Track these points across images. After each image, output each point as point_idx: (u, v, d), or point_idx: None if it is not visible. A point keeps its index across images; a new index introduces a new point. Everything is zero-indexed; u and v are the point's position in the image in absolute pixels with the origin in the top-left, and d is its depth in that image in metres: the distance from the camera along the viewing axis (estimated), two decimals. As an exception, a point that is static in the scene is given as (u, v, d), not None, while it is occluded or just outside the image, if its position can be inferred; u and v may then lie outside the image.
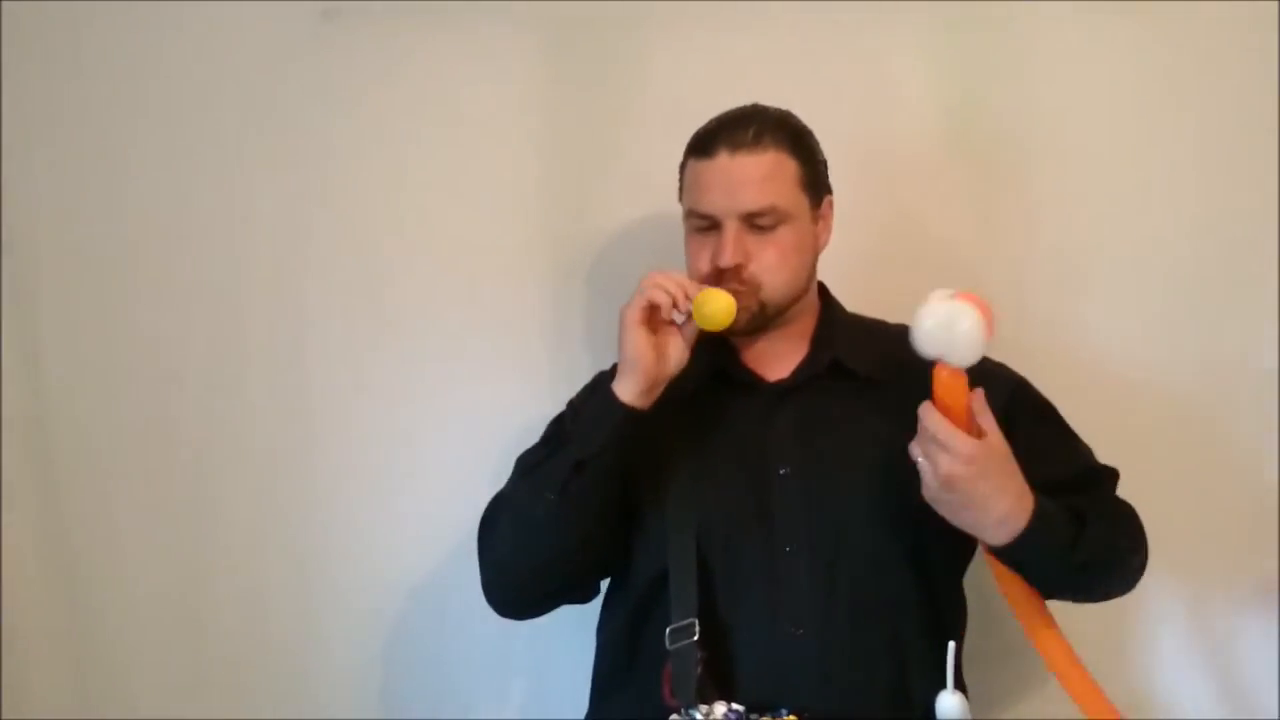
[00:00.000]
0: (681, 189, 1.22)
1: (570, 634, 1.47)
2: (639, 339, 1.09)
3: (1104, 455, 1.25)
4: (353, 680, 1.52)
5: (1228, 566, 1.48)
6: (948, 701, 1.09)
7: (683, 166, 1.21)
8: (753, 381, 1.20)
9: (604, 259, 1.50)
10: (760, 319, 1.16)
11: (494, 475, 1.22)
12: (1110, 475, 1.21)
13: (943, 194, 1.48)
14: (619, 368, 1.12)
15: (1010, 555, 1.05)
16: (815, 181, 1.19)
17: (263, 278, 1.50)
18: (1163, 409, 1.47)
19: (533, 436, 1.27)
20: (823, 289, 1.26)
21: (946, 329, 1.00)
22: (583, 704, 1.26)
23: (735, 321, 1.12)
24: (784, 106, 1.21)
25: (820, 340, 1.21)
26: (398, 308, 1.50)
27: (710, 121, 1.18)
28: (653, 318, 1.11)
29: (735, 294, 1.12)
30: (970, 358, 1.01)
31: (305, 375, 1.50)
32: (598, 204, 1.49)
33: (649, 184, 1.48)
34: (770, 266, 1.15)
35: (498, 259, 1.49)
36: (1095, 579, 1.13)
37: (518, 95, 1.49)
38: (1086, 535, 1.07)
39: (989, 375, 1.22)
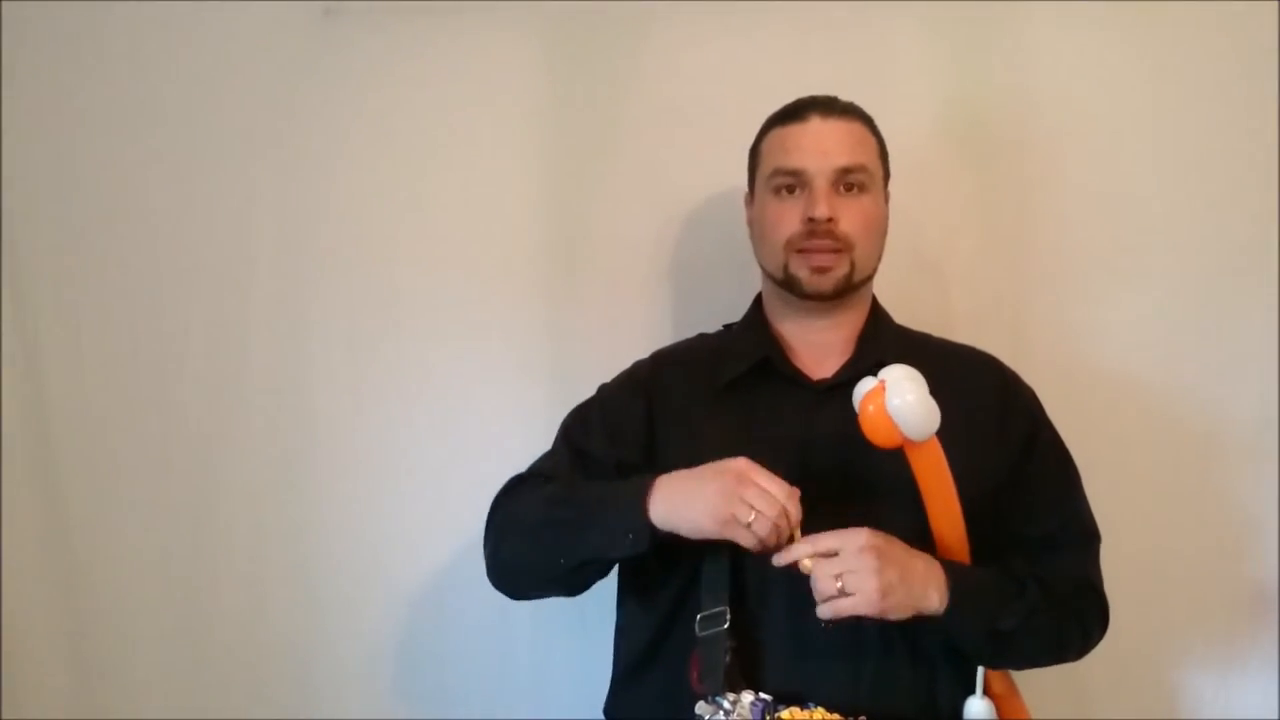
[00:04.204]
0: (757, 163, 1.22)
1: (571, 633, 1.48)
2: (708, 533, 1.04)
3: (1102, 456, 1.25)
4: (353, 680, 1.52)
5: (1227, 566, 1.48)
6: (977, 706, 1.10)
7: (760, 139, 1.23)
8: (796, 377, 1.19)
9: (605, 259, 1.49)
10: (846, 285, 1.17)
11: (494, 477, 1.22)
12: (1090, 539, 1.20)
13: (942, 194, 1.48)
14: (676, 511, 1.05)
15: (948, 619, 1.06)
16: (885, 166, 1.22)
17: (264, 276, 1.50)
18: (1163, 409, 1.47)
19: (533, 438, 1.26)
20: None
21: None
22: (583, 703, 1.25)
23: (823, 286, 1.15)
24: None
25: (866, 340, 1.21)
26: (398, 307, 1.50)
27: (788, 103, 1.20)
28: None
29: (831, 253, 1.14)
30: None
31: (306, 375, 1.50)
32: (598, 203, 1.49)
33: (650, 183, 1.48)
34: (860, 227, 1.16)
35: (498, 258, 1.49)
36: (1017, 650, 1.13)
37: (519, 94, 1.48)
38: (1018, 606, 1.09)
39: (1013, 393, 1.22)
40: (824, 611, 1.02)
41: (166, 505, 1.50)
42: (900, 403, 1.02)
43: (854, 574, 1.01)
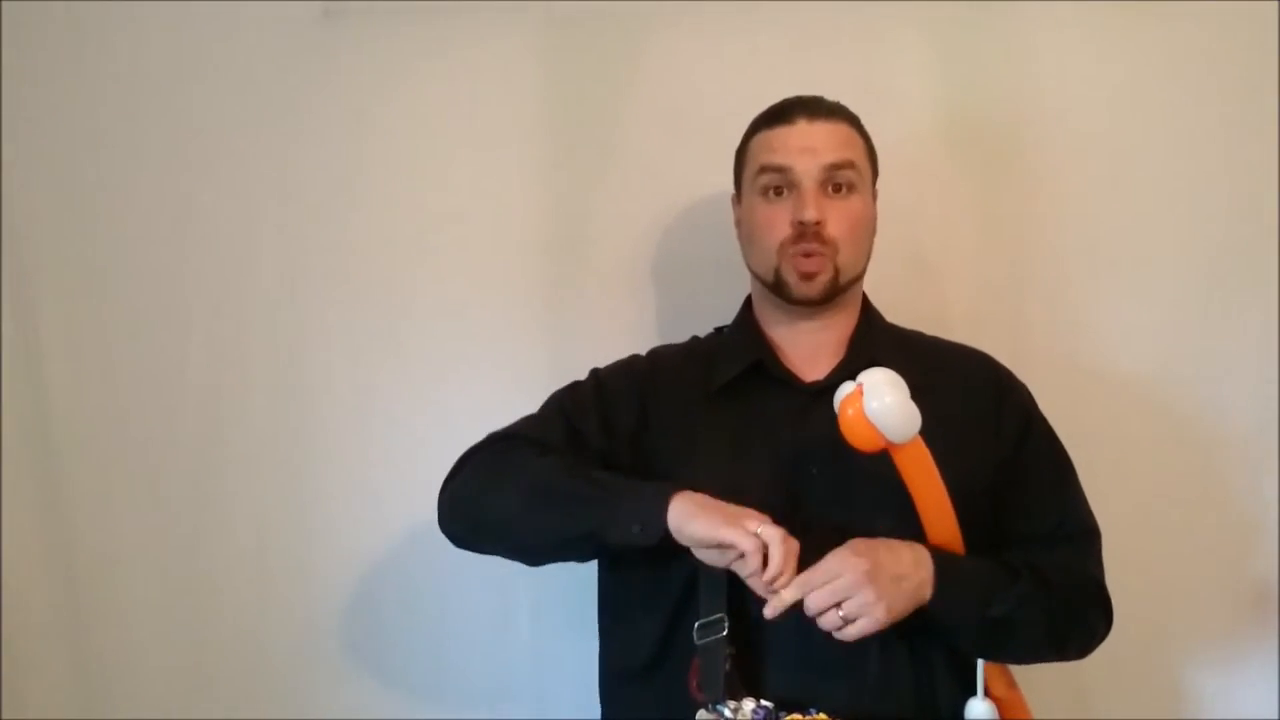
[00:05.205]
0: (743, 164, 1.22)
1: (570, 633, 1.48)
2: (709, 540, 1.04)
3: (1102, 456, 1.25)
4: (353, 681, 1.52)
5: (1227, 566, 1.48)
6: (978, 707, 1.10)
7: (746, 140, 1.22)
8: (788, 380, 1.19)
9: (603, 260, 1.49)
10: (833, 289, 1.16)
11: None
12: (1089, 535, 1.19)
13: (941, 194, 1.48)
14: (685, 521, 1.03)
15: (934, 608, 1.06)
16: (873, 165, 1.22)
17: (264, 277, 1.50)
18: (1163, 409, 1.47)
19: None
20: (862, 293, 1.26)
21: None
22: (583, 703, 1.25)
23: (811, 292, 1.15)
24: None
25: (858, 342, 1.20)
26: (398, 306, 1.50)
27: (774, 104, 1.20)
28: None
29: (816, 256, 1.14)
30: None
31: (306, 376, 1.51)
32: (597, 204, 1.49)
33: (650, 184, 1.48)
34: (846, 230, 1.15)
35: (496, 258, 1.49)
36: (1012, 639, 1.12)
37: (519, 95, 1.49)
38: (1011, 592, 1.08)
39: (1006, 389, 1.22)
40: (836, 637, 1.02)
41: (166, 505, 1.51)
42: (879, 405, 1.01)
43: (852, 599, 1.00)
